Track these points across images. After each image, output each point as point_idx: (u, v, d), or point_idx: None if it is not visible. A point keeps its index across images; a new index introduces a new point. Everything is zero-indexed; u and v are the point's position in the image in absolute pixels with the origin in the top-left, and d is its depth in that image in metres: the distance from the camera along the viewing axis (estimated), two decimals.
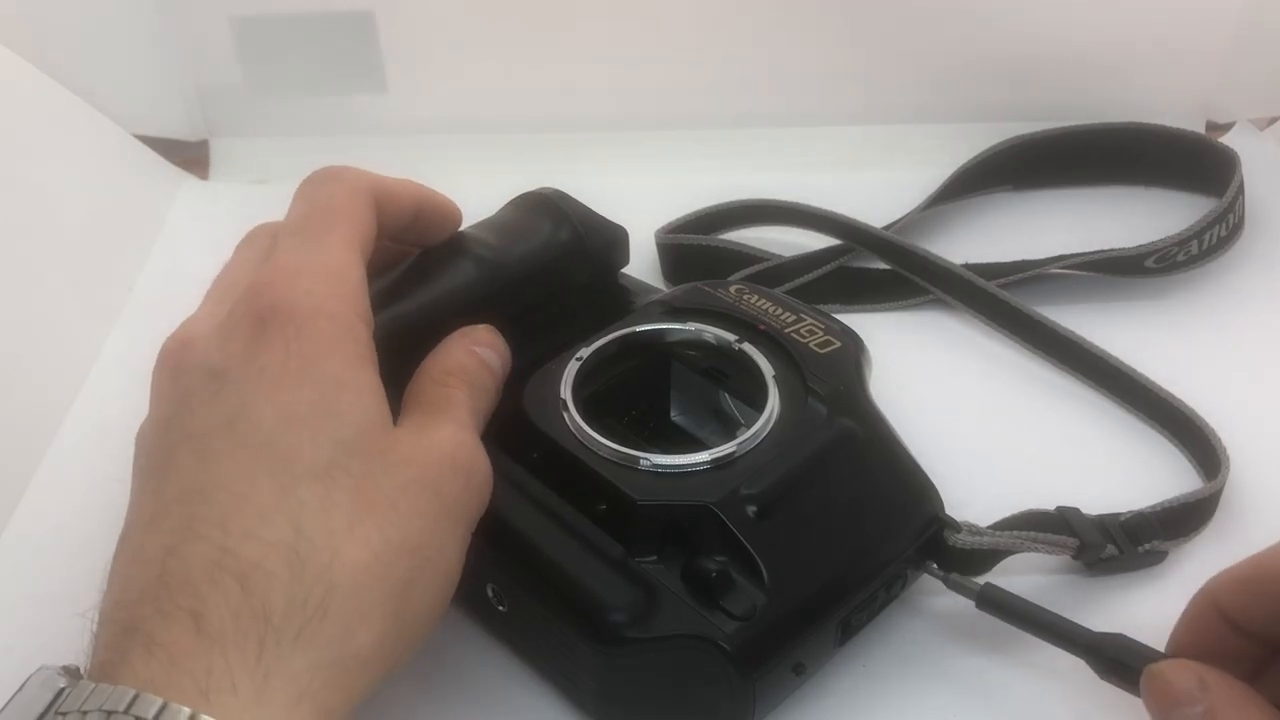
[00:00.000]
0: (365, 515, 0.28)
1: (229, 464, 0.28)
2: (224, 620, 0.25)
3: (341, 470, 0.28)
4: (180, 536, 0.27)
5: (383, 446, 0.30)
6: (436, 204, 0.38)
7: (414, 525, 0.29)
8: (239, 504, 0.27)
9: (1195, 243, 0.51)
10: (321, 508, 0.28)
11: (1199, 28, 0.60)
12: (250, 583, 0.26)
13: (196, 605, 0.26)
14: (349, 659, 0.27)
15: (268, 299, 0.30)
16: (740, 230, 0.56)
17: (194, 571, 0.26)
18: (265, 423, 0.28)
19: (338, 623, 0.27)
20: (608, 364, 0.38)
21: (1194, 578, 0.39)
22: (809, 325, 0.39)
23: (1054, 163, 0.59)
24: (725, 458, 0.34)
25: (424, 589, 0.29)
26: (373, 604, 0.28)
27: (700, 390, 0.39)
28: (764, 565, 0.32)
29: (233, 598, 0.26)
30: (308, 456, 0.28)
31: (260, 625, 0.26)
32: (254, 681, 0.25)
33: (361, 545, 0.28)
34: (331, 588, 0.27)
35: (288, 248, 0.33)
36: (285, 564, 0.27)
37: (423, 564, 0.29)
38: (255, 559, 0.26)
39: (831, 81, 0.62)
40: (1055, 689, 0.36)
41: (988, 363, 0.49)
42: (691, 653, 0.31)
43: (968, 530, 0.35)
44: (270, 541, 0.27)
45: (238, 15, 0.59)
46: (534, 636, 0.35)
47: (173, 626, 0.25)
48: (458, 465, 0.31)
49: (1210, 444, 0.42)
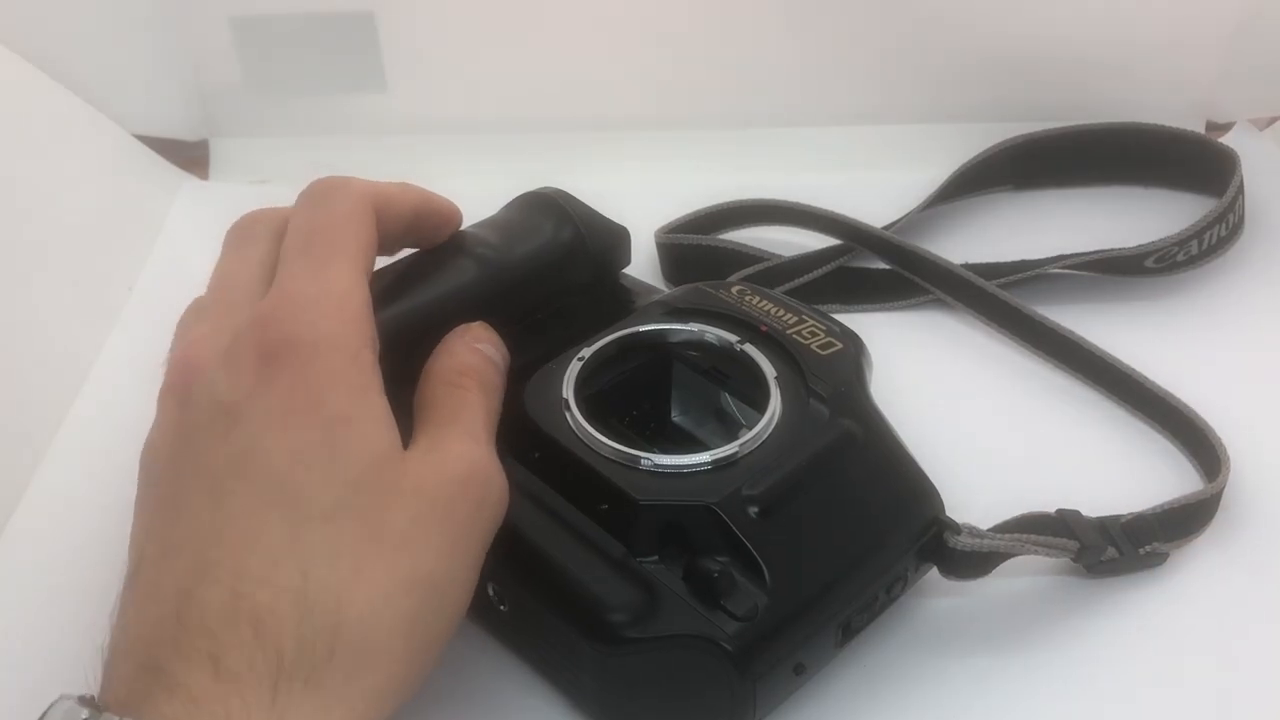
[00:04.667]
0: (374, 556, 0.29)
1: (239, 504, 0.29)
2: (240, 664, 0.26)
3: (348, 511, 0.29)
4: (195, 578, 0.28)
5: (392, 479, 0.30)
6: (435, 207, 0.38)
7: (425, 558, 0.29)
8: (250, 546, 0.28)
9: (1195, 243, 0.51)
10: (330, 551, 0.28)
11: (1199, 28, 0.60)
12: (263, 627, 0.27)
13: (214, 649, 0.26)
14: (359, 696, 0.28)
15: (275, 333, 0.31)
16: (740, 230, 0.56)
17: (210, 615, 0.27)
18: (274, 463, 0.29)
19: (345, 664, 0.27)
20: (609, 364, 0.38)
21: (1195, 579, 0.39)
22: (810, 326, 0.39)
23: (1054, 163, 0.59)
24: (727, 458, 0.34)
25: (436, 616, 0.30)
26: (381, 642, 0.28)
27: (702, 391, 0.39)
28: (765, 566, 0.32)
29: (247, 642, 0.27)
30: (316, 498, 0.29)
31: (274, 669, 0.26)
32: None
33: (369, 586, 0.28)
34: (338, 630, 0.27)
35: (292, 274, 0.33)
36: (294, 608, 0.27)
37: (433, 593, 0.30)
38: (268, 604, 0.27)
39: (831, 81, 0.62)
40: (1056, 691, 0.36)
41: (988, 363, 0.49)
42: (692, 653, 0.31)
43: (968, 532, 0.35)
44: (281, 586, 0.27)
45: (238, 15, 0.59)
46: (535, 636, 0.35)
47: (193, 669, 0.26)
48: (470, 488, 0.31)
49: (1210, 444, 0.42)
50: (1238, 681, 0.36)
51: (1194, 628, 0.38)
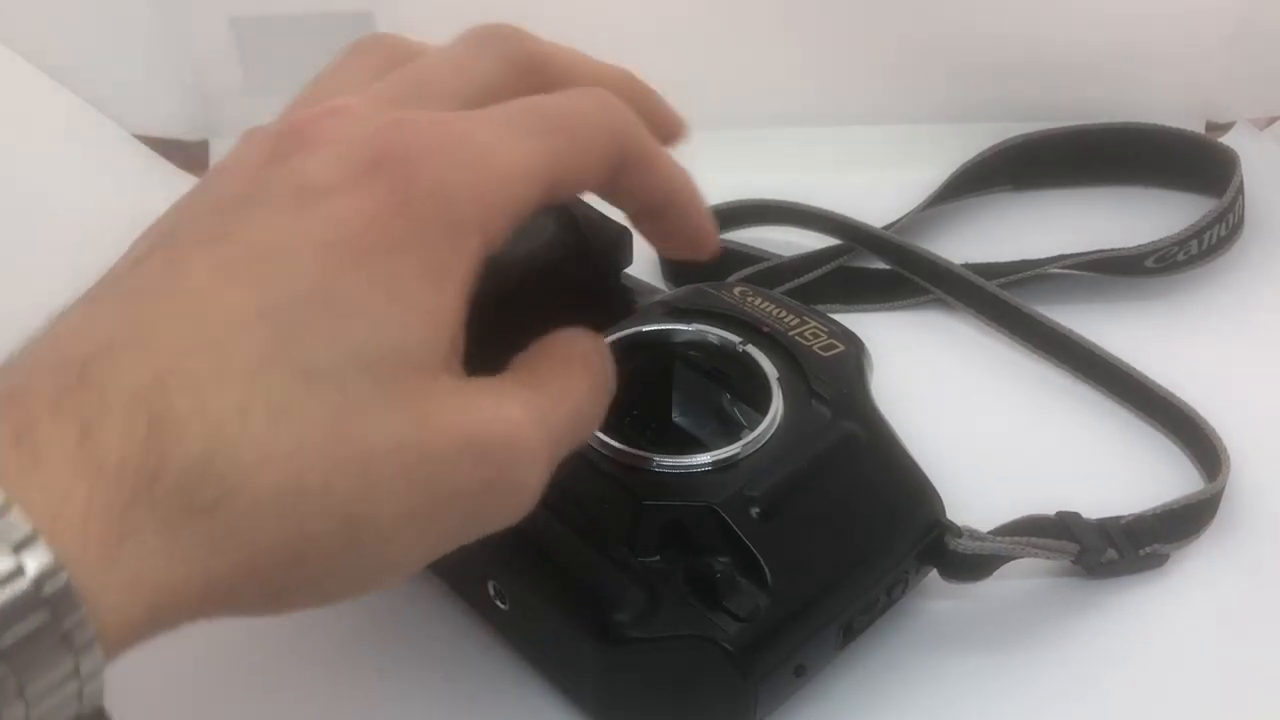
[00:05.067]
0: (323, 451, 0.23)
1: (236, 297, 0.24)
2: (111, 453, 0.21)
3: (336, 389, 0.23)
4: (130, 337, 0.23)
5: (404, 389, 0.24)
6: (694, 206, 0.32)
7: (371, 500, 0.24)
8: (210, 350, 0.23)
9: (1195, 243, 0.51)
10: (284, 413, 0.23)
11: (1199, 28, 0.60)
12: (160, 432, 0.22)
13: (93, 420, 0.22)
14: (197, 578, 0.22)
15: (404, 146, 0.25)
16: (740, 230, 0.56)
17: (114, 385, 0.22)
18: (297, 283, 0.24)
19: (210, 532, 0.22)
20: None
21: (1195, 580, 0.39)
22: (812, 328, 0.39)
23: (1054, 163, 0.59)
24: (729, 459, 0.34)
25: (339, 564, 0.24)
26: (262, 540, 0.23)
27: (703, 391, 0.39)
28: (767, 567, 0.32)
29: (135, 436, 0.22)
30: (312, 349, 0.24)
31: (143, 482, 0.22)
32: (104, 532, 0.21)
33: (293, 477, 0.23)
34: (232, 494, 0.22)
35: (470, 115, 0.27)
36: (204, 439, 0.22)
37: (350, 543, 0.24)
38: (181, 415, 0.22)
39: (832, 81, 0.62)
40: (1056, 692, 0.36)
41: (988, 363, 0.49)
42: (693, 653, 0.32)
43: (968, 535, 0.35)
44: (207, 411, 0.22)
45: (238, 15, 0.59)
46: (535, 635, 0.35)
47: (58, 428, 0.21)
48: (488, 458, 0.25)
49: (1211, 444, 0.42)
50: (1238, 682, 0.36)
51: (1194, 628, 0.38)
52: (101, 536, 0.21)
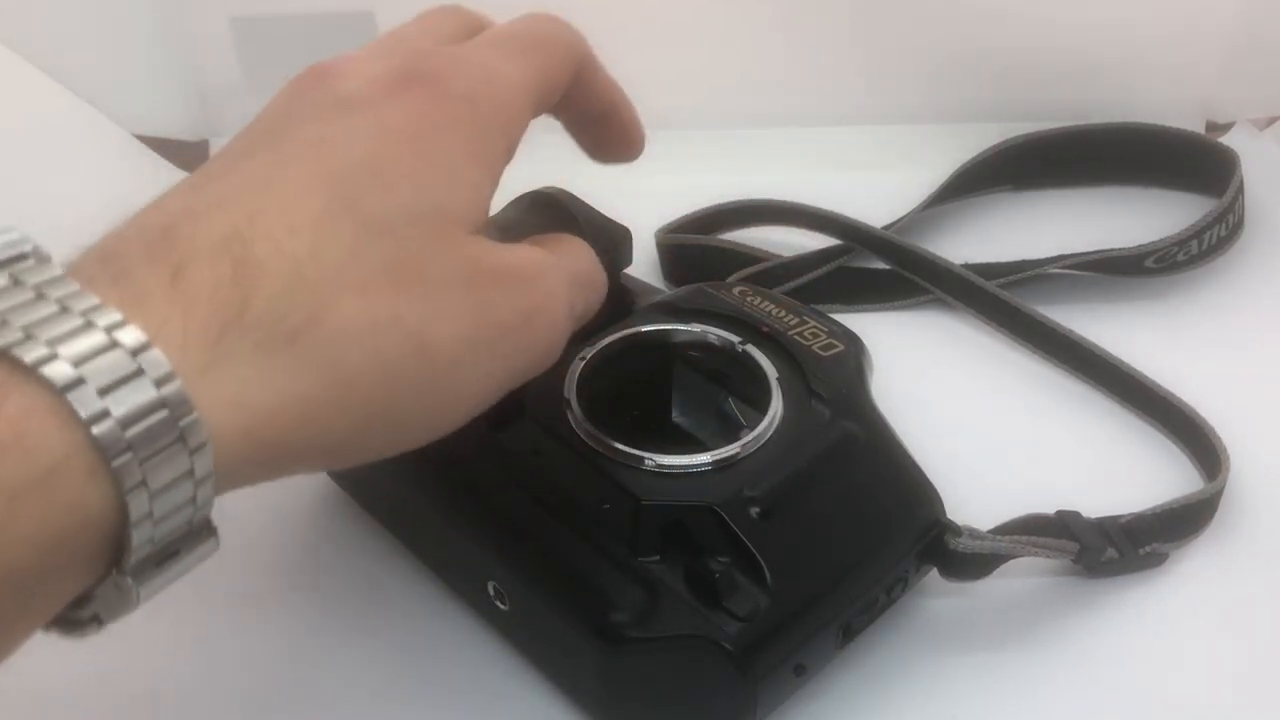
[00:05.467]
0: (389, 286, 0.26)
1: (298, 172, 0.27)
2: (201, 287, 0.24)
3: (392, 236, 0.27)
4: (208, 206, 0.26)
5: (450, 236, 0.28)
6: (630, 110, 0.38)
7: (436, 326, 0.27)
8: (281, 209, 0.26)
9: (1195, 243, 0.51)
10: (351, 254, 0.26)
11: (1199, 28, 0.60)
12: (245, 271, 0.25)
13: (183, 263, 0.24)
14: (291, 403, 0.25)
15: (428, 66, 0.30)
16: (740, 230, 0.56)
17: (199, 237, 0.25)
18: (351, 157, 0.27)
19: (299, 361, 0.25)
20: (611, 364, 0.38)
21: (1195, 579, 0.39)
22: (812, 328, 0.39)
23: (1054, 163, 0.59)
24: (729, 459, 0.34)
25: (415, 392, 0.27)
26: (346, 366, 0.25)
27: (703, 391, 0.39)
28: (767, 567, 0.32)
29: (222, 276, 0.24)
30: (368, 206, 0.27)
31: (233, 312, 0.24)
32: (201, 357, 0.23)
33: (367, 308, 0.26)
34: (313, 322, 0.25)
35: (477, 44, 0.32)
36: (286, 274, 0.25)
37: (424, 367, 0.27)
38: (262, 256, 0.25)
39: (831, 81, 0.62)
40: (1056, 692, 0.36)
41: (988, 363, 0.49)
42: (693, 653, 0.31)
43: (968, 534, 0.35)
44: (284, 250, 0.25)
45: (238, 15, 0.59)
46: (535, 635, 0.35)
47: (152, 271, 0.24)
48: (527, 287, 0.29)
49: (1210, 444, 0.42)
50: (1238, 681, 0.36)
51: (1194, 628, 0.38)
52: (198, 359, 0.23)
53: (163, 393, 0.22)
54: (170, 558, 0.24)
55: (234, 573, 0.40)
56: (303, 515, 0.42)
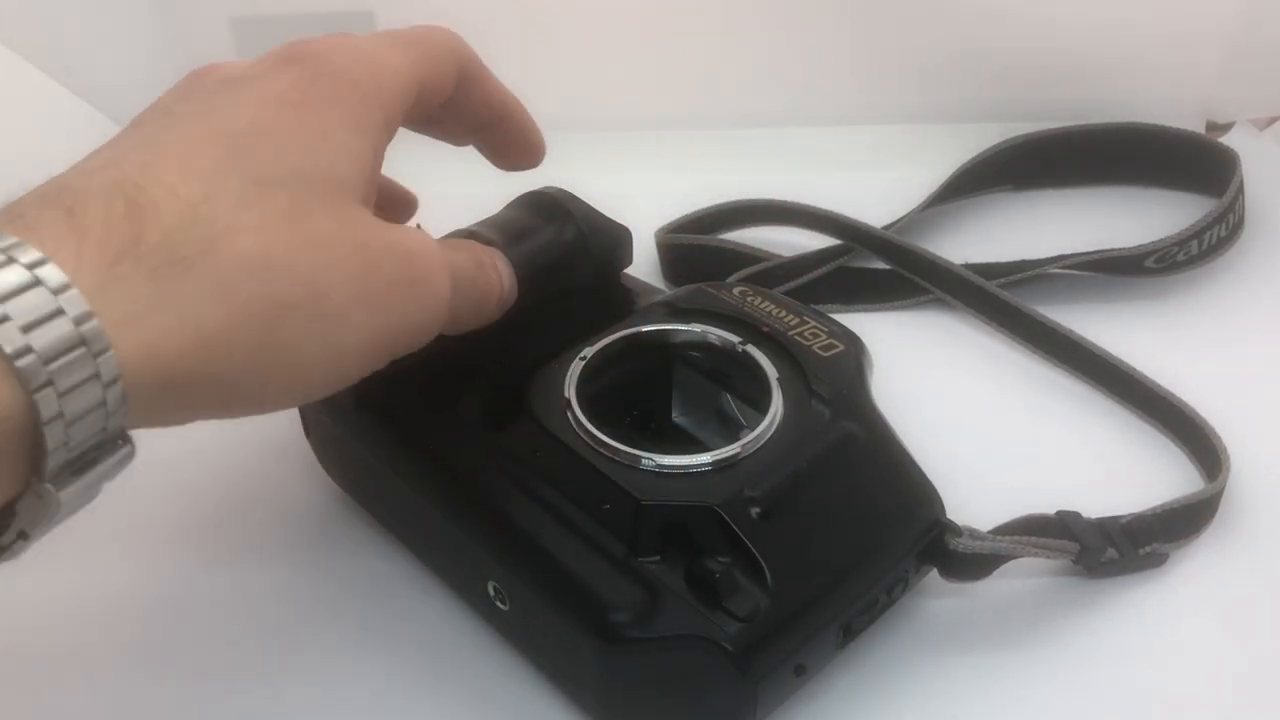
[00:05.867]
0: (283, 230, 0.27)
1: (185, 132, 0.28)
2: (94, 220, 0.25)
3: (283, 189, 0.28)
4: (100, 164, 0.27)
5: (339, 199, 0.29)
6: (524, 117, 0.39)
7: (326, 275, 0.28)
8: (172, 161, 0.27)
9: (1195, 243, 0.51)
10: (244, 201, 0.27)
11: (1199, 28, 0.60)
12: (138, 209, 0.26)
13: (76, 205, 0.25)
14: (188, 325, 0.26)
15: (307, 49, 0.31)
16: (740, 230, 0.56)
17: (92, 185, 0.26)
18: (239, 121, 0.29)
19: (195, 286, 0.26)
20: (611, 364, 0.38)
21: (1195, 580, 0.39)
22: (812, 328, 0.39)
23: (1054, 163, 0.59)
24: (729, 459, 0.34)
25: (305, 335, 0.28)
26: (240, 295, 0.26)
27: (703, 391, 0.39)
28: (767, 567, 0.32)
29: (115, 212, 0.25)
30: (258, 164, 0.28)
31: (127, 242, 0.25)
32: (96, 277, 0.24)
33: (261, 245, 0.27)
34: (209, 252, 0.26)
35: (361, 36, 0.33)
36: (179, 213, 0.26)
37: (315, 314, 0.28)
38: (155, 198, 0.26)
39: (831, 81, 0.62)
40: (1056, 692, 0.36)
41: (988, 363, 0.49)
42: (694, 653, 0.31)
43: (968, 535, 0.35)
44: (178, 194, 0.26)
45: (238, 15, 0.59)
46: (535, 635, 0.35)
47: (45, 211, 0.25)
48: (410, 260, 0.30)
49: (1210, 444, 0.42)
50: (1238, 681, 0.36)
51: (1194, 628, 0.38)
52: (93, 280, 0.24)
53: (61, 300, 0.23)
54: (88, 466, 0.25)
55: (233, 572, 0.40)
56: (303, 515, 0.42)
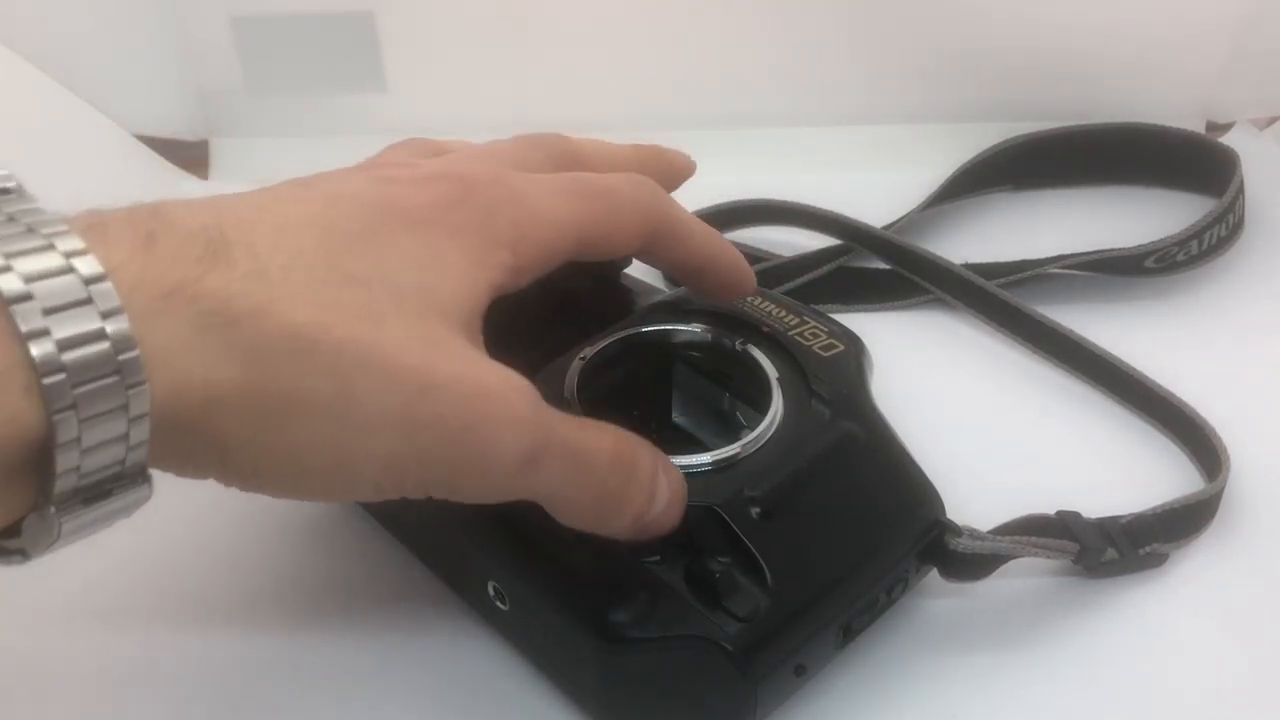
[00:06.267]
0: (342, 322, 0.26)
1: (299, 209, 0.28)
2: (166, 253, 0.25)
3: (366, 289, 0.27)
4: (204, 206, 0.27)
5: (423, 317, 0.28)
6: (728, 262, 0.37)
7: (371, 385, 0.26)
8: (271, 228, 0.27)
9: (1195, 243, 0.51)
10: (320, 284, 0.26)
11: (1199, 28, 0.60)
12: (213, 257, 0.26)
13: (160, 234, 0.25)
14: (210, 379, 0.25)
15: (466, 170, 0.31)
16: (740, 230, 0.56)
17: (183, 220, 0.26)
18: (355, 218, 0.28)
19: (230, 343, 0.25)
20: (611, 364, 0.38)
21: (1195, 580, 0.39)
22: (812, 328, 0.40)
23: (1054, 163, 0.59)
24: (729, 459, 0.34)
25: (318, 435, 0.26)
26: (268, 369, 0.25)
27: (703, 391, 0.39)
28: (767, 567, 0.32)
29: (190, 253, 0.25)
30: (352, 260, 0.27)
31: (189, 279, 0.25)
32: (150, 304, 0.24)
33: (311, 327, 0.26)
34: (258, 315, 0.25)
35: (539, 177, 0.32)
36: (248, 272, 0.26)
37: (337, 416, 0.26)
38: (234, 254, 0.26)
39: (831, 81, 0.62)
40: (1056, 692, 0.36)
41: (988, 363, 0.49)
42: (694, 653, 0.31)
43: (968, 535, 0.35)
44: (257, 255, 0.26)
45: (238, 15, 0.59)
46: (536, 635, 0.35)
47: (127, 229, 0.25)
48: (473, 403, 0.27)
49: (1210, 444, 0.42)
50: (1238, 681, 0.36)
51: (1194, 628, 0.38)
52: (146, 305, 0.24)
53: (107, 325, 0.23)
54: (101, 497, 0.24)
55: (233, 573, 0.40)
56: (303, 516, 0.42)
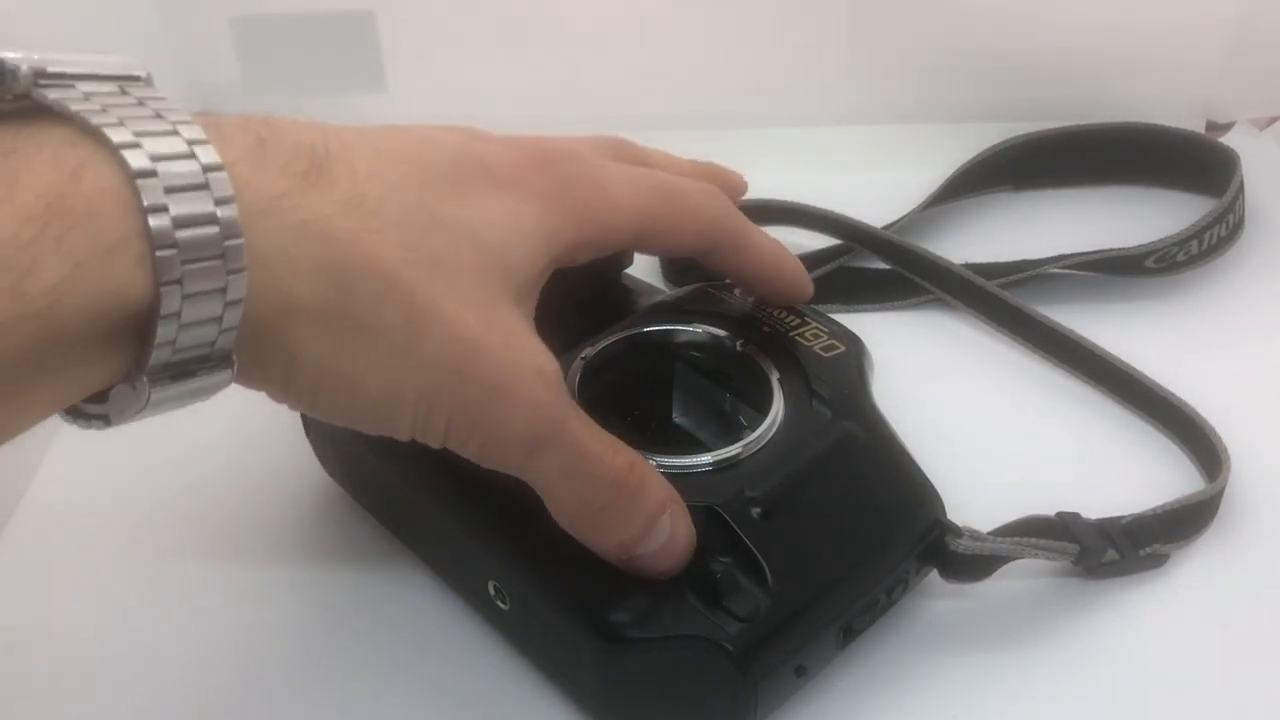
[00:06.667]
0: (419, 266, 0.28)
1: (402, 145, 0.30)
2: (275, 161, 0.27)
3: (449, 236, 0.29)
4: (311, 126, 0.29)
5: (489, 279, 0.29)
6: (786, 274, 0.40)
7: (431, 320, 0.28)
8: (372, 156, 0.29)
9: (1195, 243, 0.51)
10: (408, 217, 0.28)
11: (1199, 28, 0.60)
12: (316, 170, 0.27)
13: (270, 139, 0.27)
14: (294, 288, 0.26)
15: (564, 149, 0.33)
16: None
17: (292, 134, 0.28)
18: (448, 165, 0.30)
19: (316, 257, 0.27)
20: (612, 364, 0.38)
21: (1195, 580, 0.39)
22: (813, 328, 0.40)
23: (1054, 163, 0.59)
24: (730, 459, 0.34)
25: (370, 364, 0.28)
26: (345, 290, 0.27)
27: (703, 392, 0.39)
28: (767, 567, 0.32)
29: (297, 166, 0.27)
30: (445, 202, 0.29)
31: (294, 190, 0.27)
32: (260, 202, 0.26)
33: (392, 262, 0.28)
34: (348, 240, 0.27)
35: (621, 167, 0.35)
36: (346, 197, 0.27)
37: (404, 354, 0.28)
38: (336, 174, 0.28)
39: (831, 81, 0.62)
40: (1056, 692, 0.36)
41: (988, 363, 0.49)
42: (694, 653, 0.31)
43: (969, 535, 0.35)
44: (357, 179, 0.28)
45: (238, 15, 0.59)
46: (536, 635, 0.35)
47: (240, 132, 0.27)
48: (503, 371, 0.29)
49: (1211, 444, 0.42)
50: (1238, 681, 0.36)
51: (1195, 628, 0.38)
52: (252, 203, 0.25)
53: (219, 211, 0.24)
54: (186, 375, 0.25)
55: (233, 571, 0.40)
56: (303, 515, 0.42)
